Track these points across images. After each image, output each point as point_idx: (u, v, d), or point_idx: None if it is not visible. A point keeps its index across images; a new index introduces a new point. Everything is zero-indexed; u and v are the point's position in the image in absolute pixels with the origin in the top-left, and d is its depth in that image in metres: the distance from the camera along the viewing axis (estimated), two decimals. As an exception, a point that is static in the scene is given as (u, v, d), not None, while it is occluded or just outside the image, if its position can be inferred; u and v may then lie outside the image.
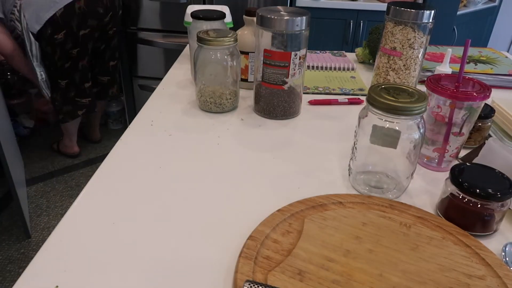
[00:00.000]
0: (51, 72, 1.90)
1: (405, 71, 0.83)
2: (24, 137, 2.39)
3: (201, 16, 0.88)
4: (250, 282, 0.41)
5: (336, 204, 0.55)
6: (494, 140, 0.64)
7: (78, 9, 1.77)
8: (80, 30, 1.83)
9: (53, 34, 1.77)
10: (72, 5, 1.75)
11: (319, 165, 0.67)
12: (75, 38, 1.83)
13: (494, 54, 1.14)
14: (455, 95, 0.59)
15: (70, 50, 1.86)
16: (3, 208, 1.90)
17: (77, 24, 1.80)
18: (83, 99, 2.02)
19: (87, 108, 2.05)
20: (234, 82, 0.81)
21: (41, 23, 1.74)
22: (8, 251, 1.67)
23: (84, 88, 2.00)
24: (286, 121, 0.81)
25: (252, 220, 0.52)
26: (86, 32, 1.85)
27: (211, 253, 0.48)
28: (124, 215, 0.54)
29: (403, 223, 0.52)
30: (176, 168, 0.64)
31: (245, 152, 0.70)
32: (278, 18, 0.72)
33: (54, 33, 1.77)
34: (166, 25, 2.12)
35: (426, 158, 0.67)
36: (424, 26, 0.78)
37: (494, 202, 0.50)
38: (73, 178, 2.14)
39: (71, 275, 0.45)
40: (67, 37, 1.81)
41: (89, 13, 1.81)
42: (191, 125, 0.78)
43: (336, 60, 1.11)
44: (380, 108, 0.53)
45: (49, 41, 1.79)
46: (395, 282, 0.43)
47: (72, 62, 1.90)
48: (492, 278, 0.44)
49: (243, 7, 1.84)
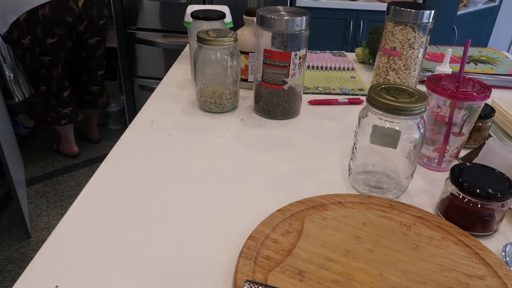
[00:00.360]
0: (28, 74, 1.91)
1: (405, 71, 0.83)
2: (24, 137, 2.39)
3: (201, 16, 0.88)
4: (250, 282, 0.41)
5: (336, 204, 0.55)
6: (494, 140, 0.64)
7: (42, 16, 1.74)
8: (47, 38, 1.80)
9: (20, 38, 1.77)
10: (36, 11, 1.73)
11: (319, 165, 0.67)
12: (42, 45, 1.82)
13: (494, 54, 1.14)
14: (455, 95, 0.59)
15: (40, 57, 1.84)
16: (3, 208, 1.90)
17: (42, 31, 1.78)
18: (64, 109, 2.02)
19: (69, 118, 2.06)
20: (234, 82, 0.81)
21: (7, 26, 1.74)
22: (8, 251, 1.67)
23: (63, 97, 2.00)
24: (286, 121, 0.81)
25: (252, 220, 0.52)
26: (54, 41, 1.83)
27: (211, 253, 0.48)
28: (124, 215, 0.54)
29: (403, 223, 0.52)
30: (176, 168, 0.64)
31: (245, 152, 0.70)
32: (278, 18, 0.72)
33: (20, 37, 1.77)
34: (166, 25, 2.12)
35: (426, 158, 0.67)
36: (424, 26, 0.78)
37: (494, 202, 0.50)
38: (73, 178, 2.14)
39: (71, 275, 0.45)
40: (33, 43, 1.79)
41: (55, 21, 1.78)
42: (191, 125, 0.78)
43: (336, 60, 1.11)
44: (380, 108, 0.53)
45: (16, 44, 1.79)
46: (395, 282, 0.43)
47: (46, 70, 1.89)
48: (492, 278, 0.44)
49: (243, 7, 1.84)
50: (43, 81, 1.92)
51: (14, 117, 2.32)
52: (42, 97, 1.97)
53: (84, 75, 2.11)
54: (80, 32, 1.90)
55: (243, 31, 0.89)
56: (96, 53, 2.06)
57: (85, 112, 2.23)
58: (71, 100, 2.04)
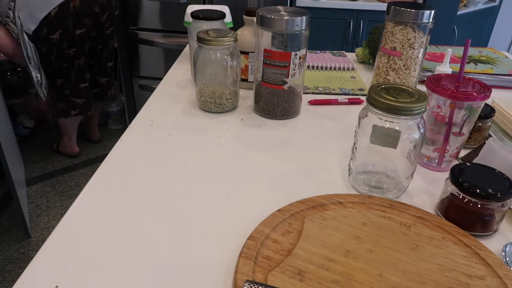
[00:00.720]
0: (48, 72, 1.90)
1: (405, 71, 0.83)
2: (24, 137, 2.39)
3: (201, 16, 0.88)
4: (250, 282, 0.41)
5: (336, 204, 0.55)
6: (494, 140, 0.64)
7: (73, 7, 1.76)
8: (76, 29, 1.82)
9: (49, 35, 1.76)
10: (67, 3, 1.74)
11: (319, 165, 0.67)
12: (71, 38, 1.82)
13: (494, 54, 1.14)
14: (455, 95, 0.59)
15: (66, 50, 1.85)
16: (3, 208, 1.90)
17: (73, 23, 1.79)
18: (77, 99, 2.01)
19: (81, 109, 2.05)
20: (234, 82, 0.81)
21: (36, 23, 1.73)
22: (8, 251, 1.67)
23: (79, 88, 1.99)
24: (286, 121, 0.81)
25: (252, 220, 0.52)
26: (82, 32, 1.84)
27: (211, 253, 0.48)
28: (124, 215, 0.54)
29: (403, 223, 0.52)
30: (176, 168, 0.64)
31: (245, 152, 0.70)
32: (278, 18, 0.72)
33: (50, 33, 1.76)
34: (166, 25, 2.12)
35: (426, 158, 0.67)
36: (424, 26, 0.78)
37: (494, 202, 0.50)
38: (73, 178, 2.14)
39: (71, 275, 0.45)
40: (62, 37, 1.80)
41: (84, 12, 1.80)
42: (191, 125, 0.78)
43: (336, 60, 1.11)
44: (380, 108, 0.53)
45: (45, 41, 1.78)
46: (395, 282, 0.43)
47: (69, 61, 1.89)
48: (492, 278, 0.44)
49: (243, 7, 1.84)
50: (63, 74, 1.92)
51: (14, 117, 2.32)
52: (55, 89, 1.96)
53: (96, 67, 2.11)
54: (101, 22, 1.91)
55: (243, 31, 0.89)
56: (109, 44, 2.07)
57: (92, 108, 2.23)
58: (87, 93, 2.03)
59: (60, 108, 2.01)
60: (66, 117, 2.05)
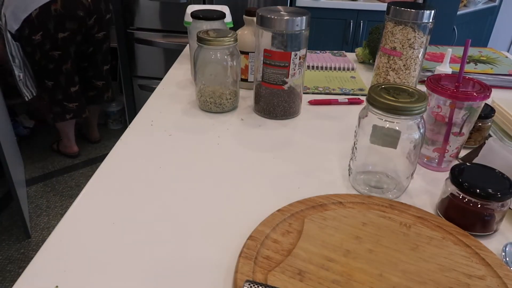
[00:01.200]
0: (35, 71, 1.90)
1: (405, 71, 0.83)
2: (24, 137, 2.39)
3: (201, 16, 0.88)
4: (250, 282, 0.41)
5: (336, 204, 0.55)
6: (494, 140, 0.64)
7: (54, 11, 1.76)
8: (59, 32, 1.81)
9: (31, 35, 1.77)
10: (48, 6, 1.74)
11: (319, 165, 0.67)
12: (53, 41, 1.82)
13: (494, 54, 1.14)
14: (455, 95, 0.59)
15: (50, 52, 1.85)
16: (3, 208, 1.90)
17: (54, 26, 1.79)
18: (70, 104, 2.02)
19: (74, 113, 2.05)
20: (234, 82, 0.81)
21: (18, 22, 1.74)
22: (8, 251, 1.67)
23: (70, 92, 1.99)
24: (286, 121, 0.81)
25: (252, 220, 0.52)
26: (65, 36, 1.84)
27: (211, 253, 0.48)
28: (124, 215, 0.54)
29: (403, 223, 0.52)
30: (176, 168, 0.64)
31: (245, 152, 0.70)
32: (278, 18, 0.72)
33: (31, 34, 1.77)
34: (166, 25, 2.12)
35: (426, 158, 0.67)
36: (424, 26, 0.78)
37: (494, 202, 0.50)
38: (73, 178, 2.14)
39: (71, 275, 0.45)
40: (44, 39, 1.80)
41: (67, 16, 1.80)
42: (191, 125, 0.78)
43: (336, 60, 1.11)
44: (380, 108, 0.53)
45: (27, 41, 1.79)
46: (395, 282, 0.43)
47: (55, 64, 1.89)
48: (492, 278, 0.44)
49: (243, 7, 1.84)
50: (51, 76, 1.92)
51: (14, 117, 2.32)
52: (47, 92, 1.96)
53: (90, 70, 2.11)
54: (89, 26, 1.91)
55: (243, 31, 0.89)
56: (103, 47, 2.07)
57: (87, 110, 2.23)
58: (78, 96, 2.04)
59: (56, 112, 2.03)
60: (62, 120, 2.07)
